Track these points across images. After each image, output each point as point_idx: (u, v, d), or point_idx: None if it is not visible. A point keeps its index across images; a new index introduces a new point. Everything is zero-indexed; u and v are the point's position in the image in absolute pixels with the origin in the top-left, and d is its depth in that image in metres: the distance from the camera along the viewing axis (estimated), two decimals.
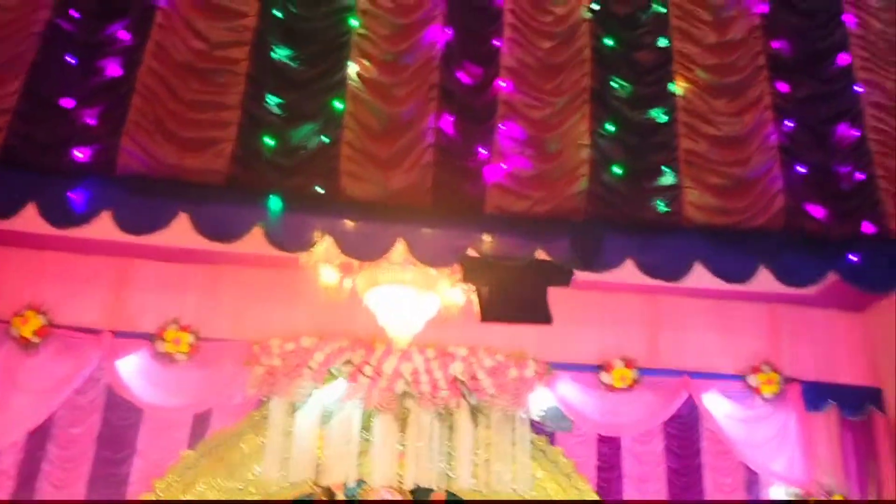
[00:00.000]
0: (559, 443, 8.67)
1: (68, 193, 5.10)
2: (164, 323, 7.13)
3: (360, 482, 8.01)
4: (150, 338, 7.02)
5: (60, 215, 5.14)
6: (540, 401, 7.12)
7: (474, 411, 7.05)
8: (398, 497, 7.95)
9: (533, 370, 7.04)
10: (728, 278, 5.56)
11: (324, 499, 8.13)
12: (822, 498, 6.63)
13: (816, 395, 6.88)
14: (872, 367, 7.02)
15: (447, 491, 8.01)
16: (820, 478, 6.66)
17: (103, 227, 5.37)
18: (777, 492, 7.14)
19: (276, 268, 7.33)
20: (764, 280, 5.65)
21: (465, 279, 6.00)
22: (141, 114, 5.19)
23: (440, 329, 6.88)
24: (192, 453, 8.17)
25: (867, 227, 5.43)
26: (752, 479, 8.55)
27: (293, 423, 6.95)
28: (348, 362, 6.89)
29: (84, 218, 5.12)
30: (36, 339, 6.48)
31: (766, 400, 6.92)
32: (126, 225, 5.18)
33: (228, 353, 6.80)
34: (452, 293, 6.74)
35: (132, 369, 6.61)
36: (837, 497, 6.58)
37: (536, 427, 8.44)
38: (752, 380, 6.96)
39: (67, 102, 5.20)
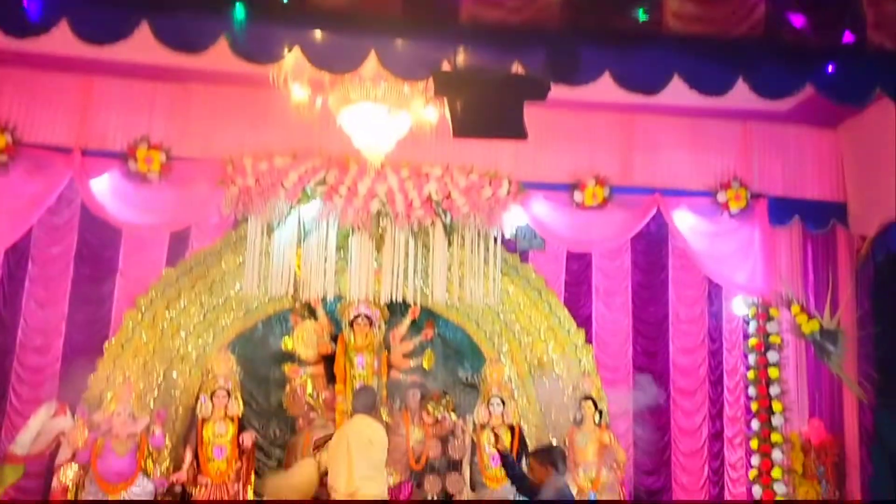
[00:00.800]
0: (530, 260, 8.94)
1: (23, 1, 4.86)
2: (134, 141, 7.03)
3: (338, 298, 8.28)
4: (122, 157, 6.94)
5: (16, 24, 4.92)
6: (513, 219, 7.22)
7: (448, 230, 7.14)
8: (375, 311, 8.25)
9: (506, 189, 7.09)
10: (705, 91, 5.51)
11: (304, 314, 8.44)
12: (780, 306, 6.94)
13: (782, 209, 7.03)
14: (839, 183, 7.15)
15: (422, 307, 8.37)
16: (779, 288, 6.94)
17: (65, 41, 5.17)
18: (738, 303, 7.46)
19: (246, 86, 7.17)
20: (739, 95, 5.61)
21: (438, 93, 5.89)
22: None
23: (414, 148, 6.85)
24: (172, 271, 8.33)
25: (847, 37, 5.34)
26: (714, 291, 8.94)
27: (270, 242, 7.02)
28: (322, 182, 6.88)
29: (40, 27, 4.91)
30: (3, 158, 6.36)
31: (732, 215, 7.08)
32: (85, 34, 4.97)
33: (201, 172, 6.76)
34: (426, 111, 6.66)
35: (105, 189, 6.57)
36: (795, 307, 6.89)
37: (509, 245, 8.65)
38: (721, 196, 7.08)
39: None
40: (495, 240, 7.11)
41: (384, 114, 6.39)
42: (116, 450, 7.38)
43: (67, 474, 7.33)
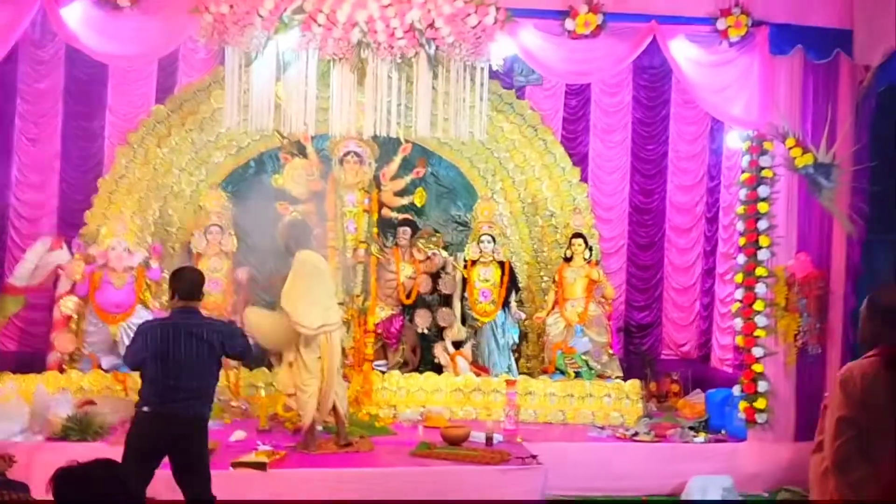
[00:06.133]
0: (527, 96, 8.72)
1: None
2: None
3: (329, 135, 8.18)
4: None
5: None
6: (501, 50, 6.93)
7: (433, 62, 6.90)
8: (365, 149, 8.17)
9: (493, 17, 6.75)
10: None
11: (293, 151, 8.38)
12: (775, 139, 6.70)
13: (784, 37, 6.62)
14: (847, 8, 6.70)
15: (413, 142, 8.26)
16: (775, 121, 6.68)
17: None
18: (733, 138, 7.24)
19: None
20: None
21: None
22: None
23: None
24: (162, 108, 8.28)
25: None
26: (716, 127, 8.69)
27: (249, 75, 6.86)
28: (300, 10, 6.61)
29: None
30: None
31: (732, 44, 6.70)
32: None
33: None
34: None
35: (78, 18, 6.37)
36: (790, 140, 6.65)
37: (505, 81, 8.41)
38: (721, 23, 6.69)
39: None
40: (482, 72, 6.87)
41: None
42: (114, 282, 7.61)
43: (68, 305, 7.61)
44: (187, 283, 4.72)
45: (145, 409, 4.61)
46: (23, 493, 4.90)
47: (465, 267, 8.26)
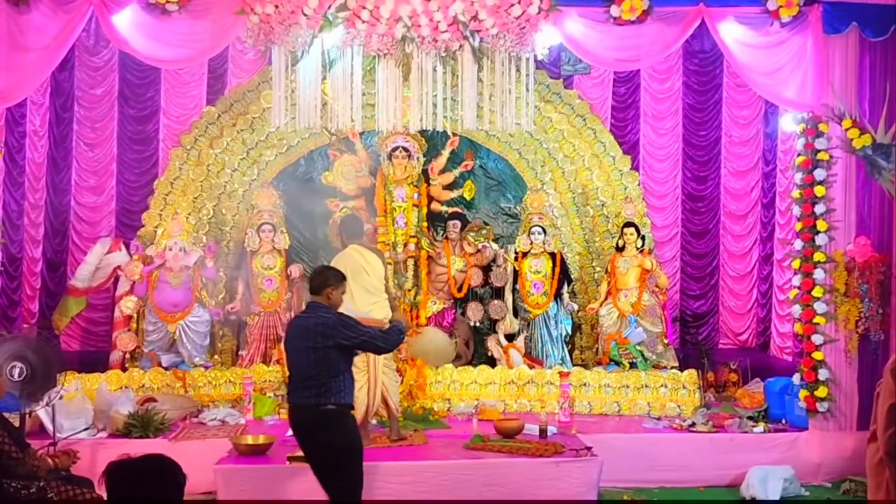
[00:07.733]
0: (575, 85, 8.64)
1: None
2: None
3: (377, 131, 8.22)
4: None
5: None
6: (545, 40, 6.87)
7: (478, 54, 6.88)
8: (413, 143, 8.19)
9: (537, 7, 6.69)
10: None
11: (342, 148, 8.45)
12: (831, 121, 6.51)
13: (838, 16, 6.40)
14: None
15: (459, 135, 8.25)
16: (831, 102, 6.48)
17: None
18: (787, 121, 7.05)
19: None
20: None
21: None
22: None
23: None
24: (213, 109, 8.42)
25: None
26: (771, 110, 8.48)
27: (296, 73, 6.93)
28: (344, 7, 6.65)
29: None
30: None
31: (783, 24, 6.52)
32: None
33: (222, 1, 6.60)
34: None
35: (127, 23, 6.52)
36: (847, 122, 6.45)
37: (552, 71, 8.34)
38: (772, 3, 6.50)
39: None
40: (528, 62, 6.82)
41: None
42: (171, 282, 7.77)
43: (128, 305, 7.81)
44: (311, 279, 4.91)
45: None
46: (87, 489, 5.05)
47: (516, 259, 8.23)
